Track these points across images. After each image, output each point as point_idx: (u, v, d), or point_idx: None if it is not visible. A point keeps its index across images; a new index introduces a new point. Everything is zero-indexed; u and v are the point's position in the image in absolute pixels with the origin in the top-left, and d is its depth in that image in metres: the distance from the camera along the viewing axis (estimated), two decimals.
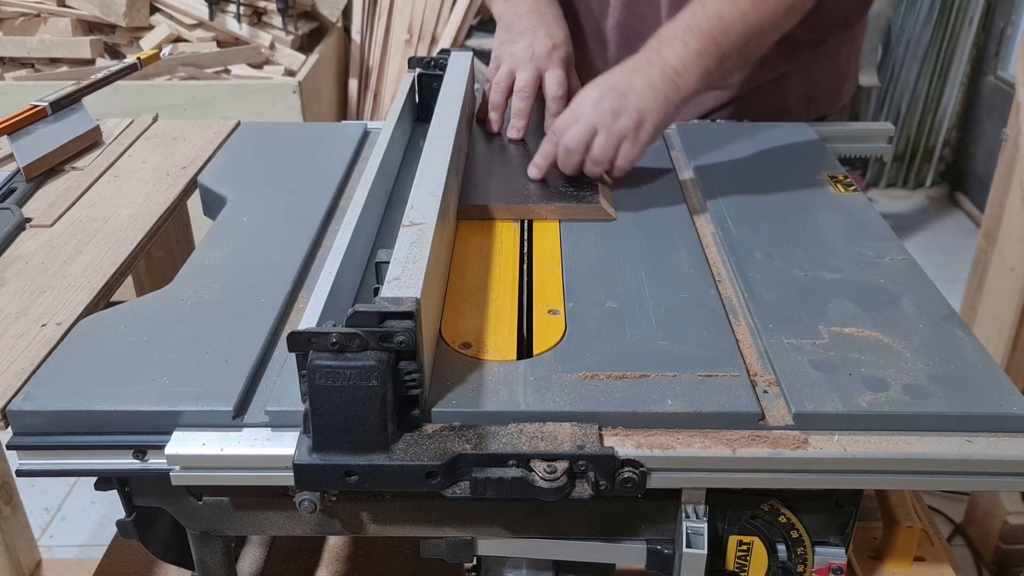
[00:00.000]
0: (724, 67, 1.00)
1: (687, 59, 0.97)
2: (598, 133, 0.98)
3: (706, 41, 0.97)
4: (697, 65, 0.97)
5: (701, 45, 0.97)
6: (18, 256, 0.94)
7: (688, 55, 0.97)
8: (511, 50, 1.17)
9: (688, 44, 0.97)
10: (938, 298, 0.82)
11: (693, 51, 0.97)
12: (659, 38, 1.00)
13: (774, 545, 0.74)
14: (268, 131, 1.25)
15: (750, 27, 0.99)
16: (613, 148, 0.98)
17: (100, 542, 1.89)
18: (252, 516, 0.75)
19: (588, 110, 0.98)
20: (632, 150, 0.98)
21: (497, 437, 0.66)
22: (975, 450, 0.66)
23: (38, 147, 1.14)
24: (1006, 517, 1.77)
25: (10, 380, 0.73)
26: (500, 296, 0.84)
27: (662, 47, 0.98)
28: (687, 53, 0.97)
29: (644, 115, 0.97)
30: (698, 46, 0.97)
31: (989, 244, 1.88)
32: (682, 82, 0.97)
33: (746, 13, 0.98)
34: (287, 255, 0.89)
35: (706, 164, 1.11)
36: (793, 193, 1.03)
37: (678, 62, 0.97)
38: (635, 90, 0.97)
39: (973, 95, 3.39)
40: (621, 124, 0.97)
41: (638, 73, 0.98)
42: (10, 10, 2.43)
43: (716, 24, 0.98)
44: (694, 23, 0.98)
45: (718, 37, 0.97)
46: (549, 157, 1.02)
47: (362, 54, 2.91)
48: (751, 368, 0.74)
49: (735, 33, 0.98)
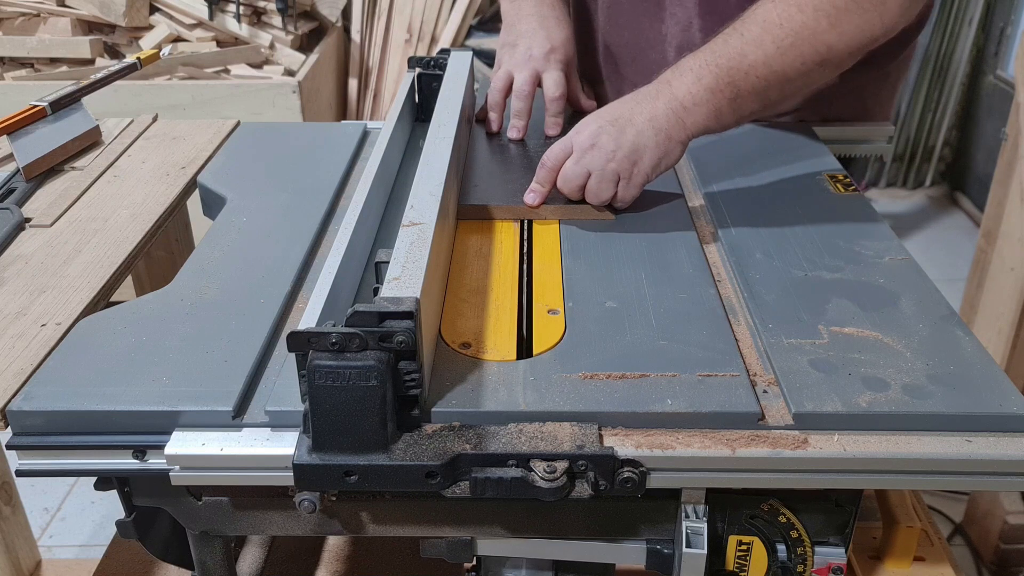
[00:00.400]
0: (739, 109, 0.93)
1: (697, 95, 0.91)
2: (592, 175, 0.94)
3: (721, 79, 0.91)
4: (707, 102, 0.91)
5: (715, 82, 0.91)
6: (18, 256, 0.94)
7: (699, 90, 0.91)
8: (511, 52, 1.18)
9: (701, 79, 0.91)
10: (938, 298, 0.82)
11: (705, 87, 0.91)
12: (674, 69, 0.94)
13: (774, 545, 0.74)
14: (268, 131, 1.25)
15: (773, 73, 0.91)
16: (608, 190, 0.94)
17: (100, 542, 1.89)
18: (252, 516, 0.75)
19: (583, 146, 0.93)
20: (627, 190, 0.95)
21: (497, 437, 0.66)
22: (975, 450, 0.66)
23: (38, 147, 1.14)
24: (1006, 517, 1.77)
25: (10, 380, 0.73)
26: (500, 296, 0.84)
27: (674, 79, 0.93)
28: (699, 88, 0.91)
29: (640, 153, 0.92)
30: (712, 83, 0.91)
31: (989, 244, 1.88)
32: (688, 119, 0.92)
33: (770, 58, 0.90)
34: (287, 255, 0.89)
35: (706, 164, 1.11)
36: (793, 193, 1.03)
37: (687, 97, 0.91)
38: (634, 125, 0.92)
39: (973, 95, 3.39)
40: (615, 166, 0.93)
41: (642, 105, 0.93)
42: (10, 10, 2.43)
43: (736, 64, 0.91)
44: (712, 58, 0.92)
45: (735, 77, 0.91)
46: (547, 184, 0.97)
47: (362, 54, 2.91)
48: (751, 368, 0.74)
49: (755, 76, 0.91)
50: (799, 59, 0.90)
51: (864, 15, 0.88)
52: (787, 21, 0.89)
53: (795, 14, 0.89)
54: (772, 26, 0.90)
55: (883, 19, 0.89)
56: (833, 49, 0.90)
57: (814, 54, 0.90)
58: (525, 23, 1.19)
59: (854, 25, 0.89)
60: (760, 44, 0.90)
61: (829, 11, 0.88)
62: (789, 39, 0.89)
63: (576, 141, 0.94)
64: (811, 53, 0.90)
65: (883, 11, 0.89)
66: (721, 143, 1.16)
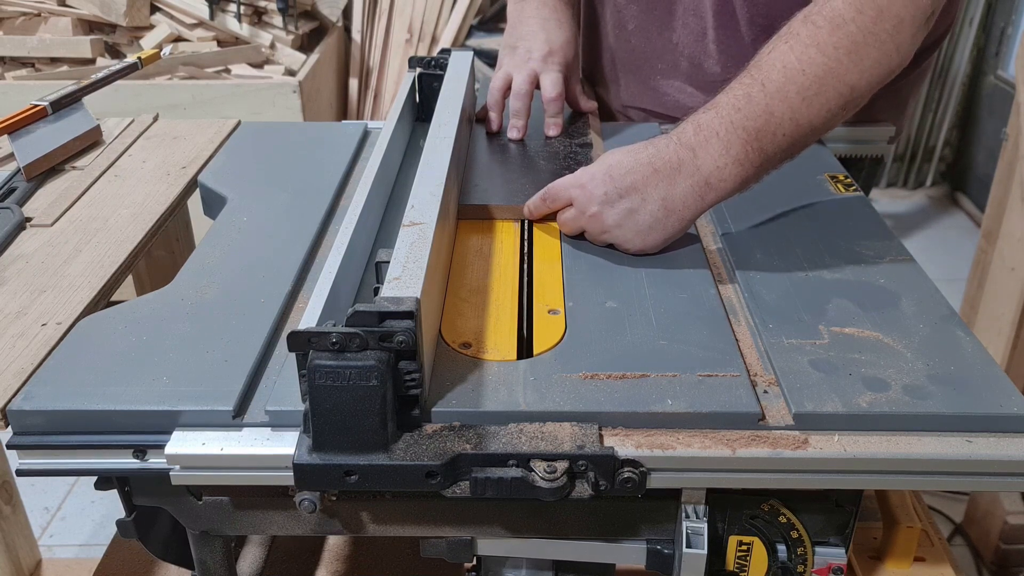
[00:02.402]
0: (762, 174, 0.87)
1: (724, 168, 0.84)
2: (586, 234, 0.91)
3: (751, 145, 0.84)
4: (735, 175, 0.84)
5: (744, 152, 0.84)
6: (18, 256, 0.94)
7: (727, 163, 0.84)
8: (511, 53, 1.19)
9: (730, 150, 0.84)
10: (938, 298, 0.82)
11: (733, 158, 0.84)
12: (697, 130, 0.85)
13: (774, 545, 0.74)
14: (268, 131, 1.25)
15: (799, 128, 0.84)
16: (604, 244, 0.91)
17: (100, 542, 1.89)
18: (252, 516, 0.75)
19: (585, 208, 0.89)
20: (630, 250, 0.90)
21: (497, 437, 0.66)
22: (975, 450, 0.66)
23: (38, 147, 1.14)
24: (1006, 517, 1.77)
25: (10, 380, 0.73)
26: (500, 296, 0.84)
27: (698, 147, 0.84)
28: (726, 161, 0.84)
29: (644, 235, 0.87)
30: (740, 153, 0.84)
31: (989, 244, 1.88)
32: (710, 195, 0.85)
33: (796, 111, 0.83)
34: (287, 255, 0.89)
35: None
36: (793, 193, 1.03)
37: (714, 172, 0.84)
38: (646, 206, 0.86)
39: (973, 95, 3.39)
40: (613, 236, 0.89)
41: (660, 179, 0.85)
42: (10, 9, 2.43)
43: (763, 125, 0.83)
44: (739, 119, 0.84)
45: (764, 142, 0.84)
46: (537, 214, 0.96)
47: (362, 54, 2.91)
48: (751, 368, 0.74)
49: (782, 135, 0.84)
50: (824, 107, 0.84)
51: (882, 47, 0.83)
52: (809, 66, 0.83)
53: (815, 56, 0.83)
54: (794, 73, 0.83)
55: (900, 48, 0.84)
56: (856, 89, 0.84)
57: (838, 97, 0.84)
58: (527, 25, 1.19)
59: (873, 60, 0.84)
60: (785, 97, 0.83)
61: (849, 47, 0.83)
62: (814, 87, 0.83)
63: (580, 198, 0.89)
64: (835, 97, 0.84)
65: (899, 41, 0.84)
66: None
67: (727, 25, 1.15)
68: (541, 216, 0.96)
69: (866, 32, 0.83)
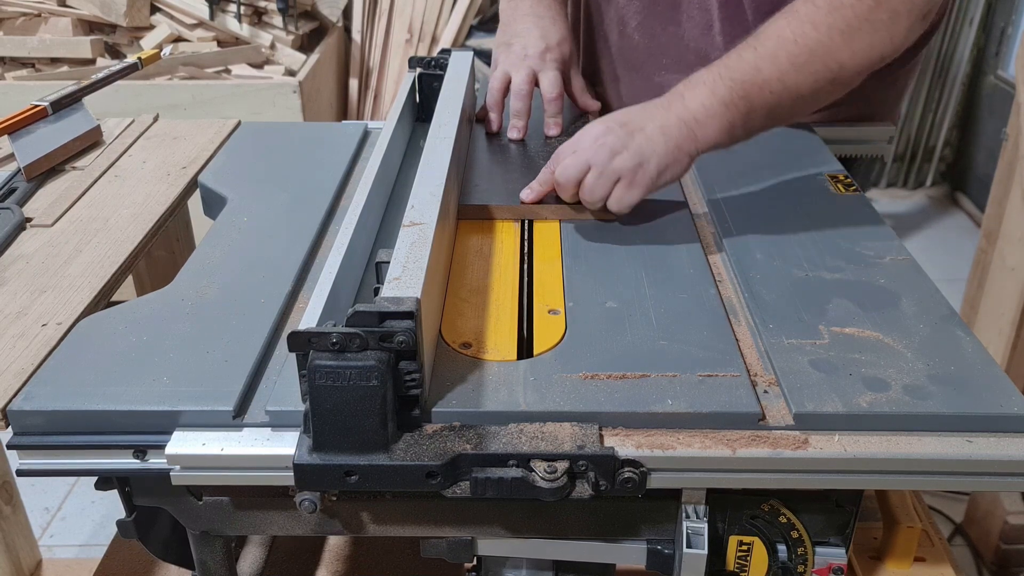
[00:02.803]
0: (750, 124, 0.92)
1: (711, 108, 0.89)
2: (591, 170, 0.91)
3: (735, 92, 0.89)
4: (720, 116, 0.89)
5: (729, 96, 0.89)
6: (18, 256, 0.94)
7: (713, 104, 0.89)
8: (506, 51, 1.18)
9: (716, 92, 0.90)
10: (938, 298, 0.82)
11: (719, 100, 0.89)
12: (687, 82, 0.92)
13: (774, 545, 0.74)
14: (268, 131, 1.25)
15: (787, 89, 0.90)
16: (605, 188, 0.91)
17: (100, 542, 1.89)
18: (252, 516, 0.75)
19: (587, 144, 0.92)
20: (626, 193, 0.91)
21: (497, 437, 0.66)
22: (975, 450, 0.66)
23: (39, 147, 1.14)
24: (1006, 517, 1.77)
25: (10, 380, 0.73)
26: (500, 296, 0.84)
27: (687, 91, 0.91)
28: (712, 102, 0.89)
29: (646, 159, 0.90)
30: (726, 96, 0.89)
31: (989, 244, 1.88)
32: (700, 132, 0.90)
33: (784, 74, 0.89)
34: (287, 255, 0.89)
35: (707, 164, 1.10)
36: (793, 193, 1.03)
37: (700, 110, 0.90)
38: (644, 132, 0.90)
39: (973, 95, 3.39)
40: (617, 164, 0.90)
41: (654, 115, 0.91)
42: (10, 10, 2.43)
43: (750, 78, 0.89)
44: (726, 72, 0.90)
45: (749, 91, 0.89)
46: (546, 184, 0.98)
47: (362, 54, 2.91)
48: (751, 368, 0.74)
49: (768, 92, 0.90)
50: (812, 76, 0.89)
51: (876, 34, 0.89)
52: (801, 38, 0.88)
53: (809, 31, 0.88)
54: (787, 42, 0.89)
55: (893, 39, 0.89)
56: (845, 67, 0.90)
57: (826, 71, 0.89)
58: (521, 22, 1.19)
59: (866, 43, 0.89)
60: (775, 60, 0.89)
61: (843, 28, 0.88)
62: (804, 56, 0.88)
63: (581, 138, 0.93)
64: (824, 71, 0.89)
65: (893, 31, 0.89)
66: None
67: (733, 17, 1.15)
68: (547, 187, 0.97)
69: (862, 18, 0.88)
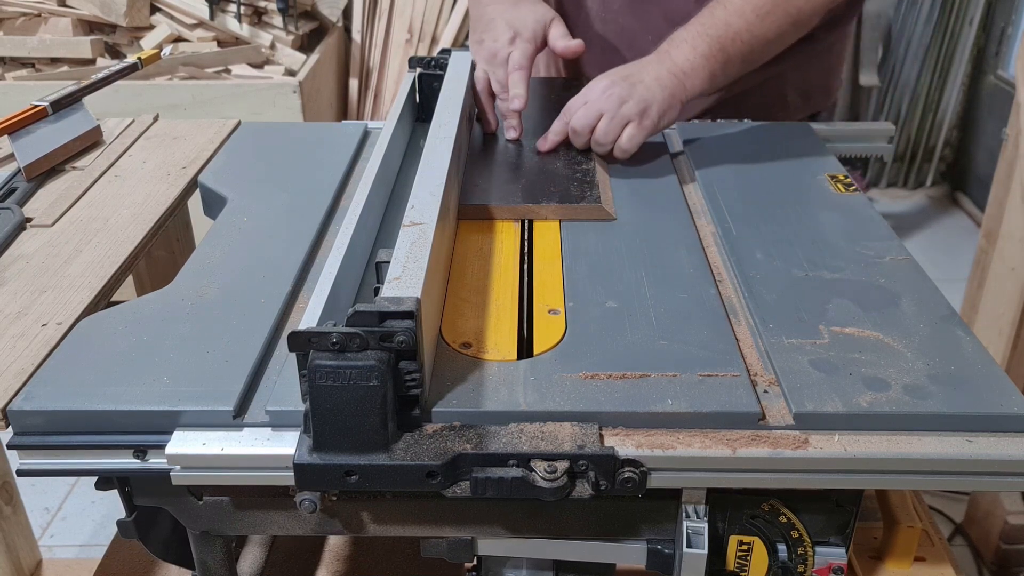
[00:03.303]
0: (728, 72, 1.09)
1: (695, 61, 1.06)
2: (603, 117, 1.05)
3: (713, 46, 1.06)
4: (703, 67, 1.06)
5: (708, 49, 1.05)
6: (19, 256, 0.94)
7: (695, 58, 1.06)
8: (478, 49, 1.17)
9: (697, 48, 1.06)
10: (938, 298, 0.82)
11: (700, 54, 1.05)
12: (670, 41, 1.08)
13: (774, 545, 0.74)
14: (268, 131, 1.25)
15: (755, 38, 1.07)
16: (616, 131, 1.06)
17: (100, 542, 1.89)
18: (252, 516, 0.75)
19: (597, 95, 1.06)
20: (636, 133, 1.06)
21: (497, 437, 0.66)
22: (975, 450, 0.66)
23: (39, 147, 1.14)
24: (1006, 517, 1.77)
25: (10, 380, 0.73)
26: (500, 296, 0.84)
27: (672, 49, 1.07)
28: (695, 56, 1.06)
29: (649, 104, 1.04)
30: (706, 50, 1.05)
31: (989, 244, 1.88)
32: (688, 82, 1.06)
33: (752, 24, 1.06)
34: (287, 255, 0.89)
35: (707, 164, 1.11)
36: (793, 193, 1.03)
37: (686, 63, 1.05)
38: (644, 82, 1.05)
39: (973, 95, 3.39)
40: (626, 110, 1.04)
41: (648, 69, 1.06)
42: (11, 10, 2.43)
43: (723, 32, 1.06)
44: (703, 30, 1.06)
45: (725, 44, 1.06)
46: (560, 134, 1.10)
47: (362, 54, 2.91)
48: (751, 368, 0.74)
49: (740, 42, 1.06)
50: (775, 23, 1.08)
51: None
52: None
53: None
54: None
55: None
56: (802, 11, 1.09)
57: (787, 17, 1.08)
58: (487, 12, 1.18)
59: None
60: (742, 14, 1.06)
61: None
62: (767, 6, 1.07)
63: (590, 91, 1.07)
64: (784, 16, 1.08)
65: None
66: (722, 143, 1.17)
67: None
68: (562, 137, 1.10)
69: None
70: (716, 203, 1.01)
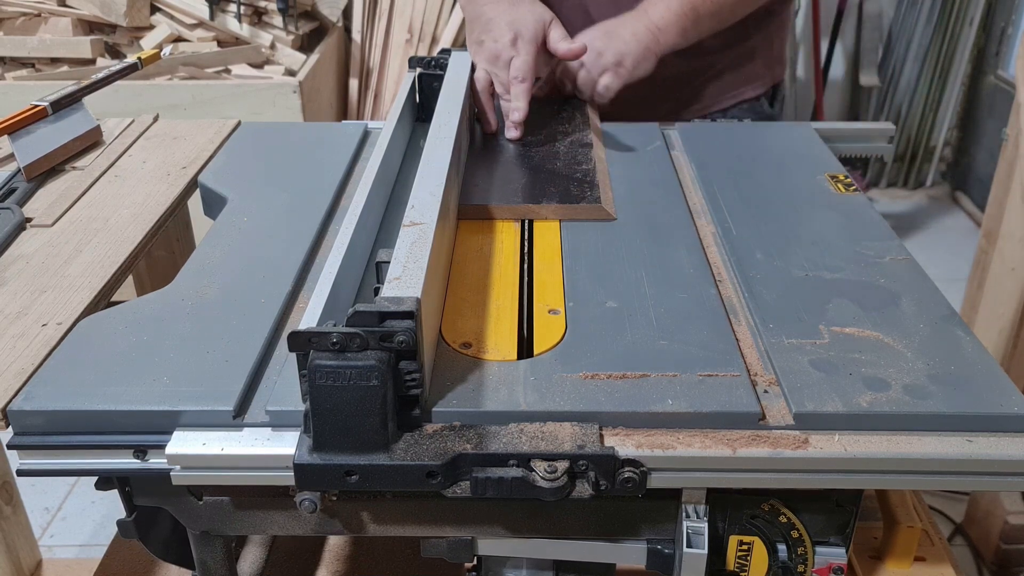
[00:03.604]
0: (700, 28, 1.22)
1: (668, 17, 1.18)
2: (583, 67, 1.19)
3: (685, 5, 1.19)
4: (676, 23, 1.19)
5: (680, 8, 1.18)
6: (18, 256, 0.94)
7: (669, 16, 1.18)
8: (478, 50, 1.18)
9: (670, 7, 1.19)
10: (938, 298, 0.82)
11: (673, 13, 1.18)
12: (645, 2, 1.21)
13: (774, 545, 0.74)
14: (268, 131, 1.25)
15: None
16: (593, 80, 1.19)
17: (100, 542, 1.89)
18: (252, 516, 0.75)
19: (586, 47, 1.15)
20: (611, 82, 1.18)
21: (497, 437, 0.66)
22: (975, 450, 0.66)
23: (39, 147, 1.14)
24: (1006, 517, 1.77)
25: (10, 380, 0.73)
26: (500, 296, 0.84)
27: (650, 7, 1.20)
28: (668, 14, 1.18)
29: (624, 56, 1.17)
30: (677, 9, 1.18)
31: (989, 244, 1.88)
32: (662, 37, 1.18)
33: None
34: (287, 255, 0.89)
35: (706, 164, 1.11)
36: (793, 193, 1.03)
37: (660, 19, 1.18)
38: (620, 37, 1.17)
39: (973, 95, 3.39)
40: (603, 61, 1.17)
41: (625, 24, 1.19)
42: (10, 10, 2.43)
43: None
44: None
45: (696, 3, 1.19)
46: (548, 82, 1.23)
47: (362, 54, 2.91)
48: (751, 368, 0.74)
49: (710, 2, 1.20)
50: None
51: None
52: None
53: None
54: None
55: None
56: None
57: None
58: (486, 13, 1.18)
59: None
60: None
61: None
62: None
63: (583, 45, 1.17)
64: None
65: None
66: (722, 143, 1.17)
67: None
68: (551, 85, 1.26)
69: None
70: (716, 203, 1.01)
